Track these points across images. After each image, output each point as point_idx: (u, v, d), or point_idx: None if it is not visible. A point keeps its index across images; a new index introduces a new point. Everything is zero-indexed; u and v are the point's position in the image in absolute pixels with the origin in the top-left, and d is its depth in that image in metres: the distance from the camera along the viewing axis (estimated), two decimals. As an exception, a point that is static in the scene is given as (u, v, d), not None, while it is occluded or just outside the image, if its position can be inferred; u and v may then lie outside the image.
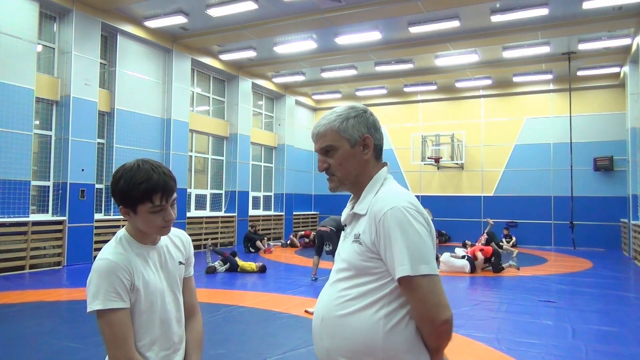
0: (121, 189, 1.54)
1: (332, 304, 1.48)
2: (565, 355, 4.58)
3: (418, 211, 1.42)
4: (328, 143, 1.55)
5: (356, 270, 1.46)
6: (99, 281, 1.51)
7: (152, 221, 1.57)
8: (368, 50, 12.96)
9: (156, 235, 1.66)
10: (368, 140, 1.55)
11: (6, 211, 8.66)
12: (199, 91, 14.20)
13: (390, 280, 1.41)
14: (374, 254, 1.43)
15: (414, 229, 1.37)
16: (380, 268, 1.42)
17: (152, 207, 1.54)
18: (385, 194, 1.48)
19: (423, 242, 1.38)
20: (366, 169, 1.55)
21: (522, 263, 10.85)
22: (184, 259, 1.78)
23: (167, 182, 1.56)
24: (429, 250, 1.38)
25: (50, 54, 9.99)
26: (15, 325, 5.39)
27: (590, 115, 15.32)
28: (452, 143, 16.67)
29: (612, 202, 14.74)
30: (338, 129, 1.54)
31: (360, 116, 1.57)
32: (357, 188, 1.56)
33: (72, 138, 9.76)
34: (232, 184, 14.77)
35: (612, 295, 7.58)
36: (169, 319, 1.66)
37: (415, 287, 1.35)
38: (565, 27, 10.99)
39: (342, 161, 1.54)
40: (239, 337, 5.06)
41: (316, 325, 1.53)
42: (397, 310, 1.41)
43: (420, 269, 1.34)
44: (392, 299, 1.41)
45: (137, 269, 1.59)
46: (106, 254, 1.57)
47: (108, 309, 1.49)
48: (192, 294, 1.82)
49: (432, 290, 1.36)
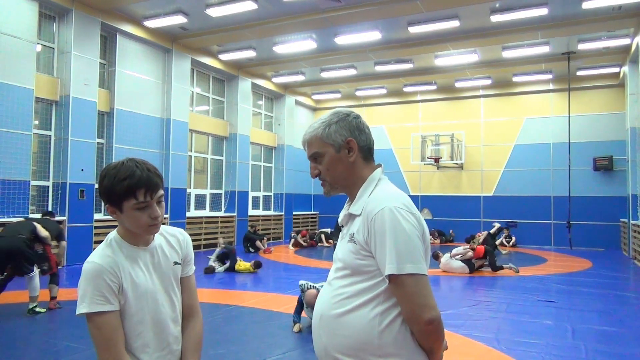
0: (105, 186, 1.54)
1: (330, 302, 1.52)
2: (565, 355, 4.58)
3: (410, 212, 1.46)
4: (315, 150, 1.61)
5: (351, 269, 1.50)
6: (85, 284, 1.51)
7: (138, 219, 1.55)
8: (368, 50, 12.95)
9: (146, 235, 1.63)
10: (352, 143, 1.58)
11: (6, 211, 8.65)
12: (198, 91, 14.20)
13: (384, 279, 1.43)
14: (368, 253, 1.46)
15: (403, 228, 1.40)
16: (374, 266, 1.45)
17: (137, 204, 1.53)
18: (378, 194, 1.52)
19: (411, 242, 1.41)
20: (354, 171, 1.59)
21: (521, 263, 10.86)
22: (180, 258, 1.75)
23: (150, 178, 1.54)
24: (416, 250, 1.41)
25: (49, 53, 9.98)
26: (15, 325, 5.39)
27: (589, 115, 15.33)
28: (451, 143, 16.68)
29: (611, 202, 14.74)
30: (321, 135, 1.59)
31: (342, 120, 1.60)
32: (349, 190, 1.61)
33: (71, 138, 9.76)
34: (232, 184, 14.77)
35: (611, 295, 7.58)
36: (163, 320, 1.64)
37: (401, 285, 1.38)
38: (565, 27, 10.99)
39: (330, 166, 1.59)
40: (239, 337, 5.06)
41: (315, 322, 1.58)
42: (391, 308, 1.44)
43: (405, 267, 1.37)
44: (386, 297, 1.44)
45: (125, 271, 1.57)
46: (94, 257, 1.57)
47: (94, 312, 1.49)
48: (192, 294, 1.78)
49: (417, 290, 1.38)
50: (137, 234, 1.62)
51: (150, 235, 1.65)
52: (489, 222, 15.62)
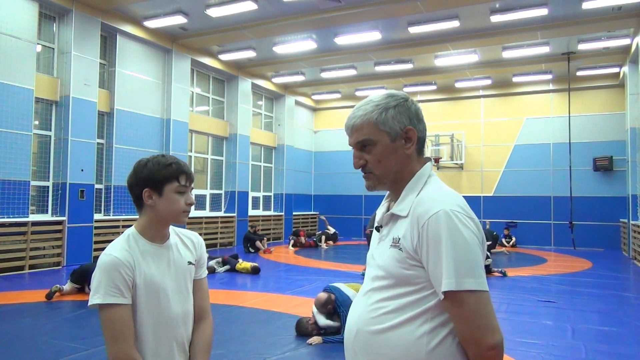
0: (150, 170, 1.64)
1: (368, 317, 1.33)
2: (565, 355, 4.58)
3: (468, 216, 1.28)
4: (365, 137, 1.38)
5: (395, 279, 1.30)
6: (101, 276, 1.53)
7: (177, 202, 1.65)
8: (368, 50, 12.96)
9: (178, 222, 1.69)
10: (411, 133, 1.38)
11: (6, 211, 8.65)
12: (198, 91, 14.20)
13: (434, 293, 1.25)
14: (416, 262, 1.27)
15: (463, 236, 1.22)
16: (423, 278, 1.27)
17: (179, 187, 1.65)
18: (430, 194, 1.33)
19: (472, 252, 1.22)
20: (408, 165, 1.39)
21: (521, 263, 10.86)
22: (194, 259, 1.78)
23: (189, 168, 1.72)
24: (477, 263, 1.23)
25: (49, 54, 9.98)
26: (15, 325, 5.39)
27: (589, 115, 15.33)
28: (451, 143, 16.68)
29: (611, 202, 14.74)
30: (377, 120, 1.36)
31: (401, 105, 1.39)
32: (397, 186, 1.40)
33: (71, 138, 9.76)
34: (232, 184, 14.77)
35: (611, 295, 7.58)
36: (174, 318, 1.65)
37: (460, 304, 1.20)
38: (564, 27, 10.99)
39: (382, 157, 1.37)
40: (239, 337, 5.06)
41: (349, 339, 1.38)
42: (441, 326, 1.25)
43: (466, 283, 1.19)
44: (435, 314, 1.26)
45: (140, 266, 1.59)
46: (111, 250, 1.59)
47: (108, 303, 1.50)
48: (204, 297, 1.81)
49: (478, 309, 1.20)
50: (156, 229, 1.67)
51: (181, 222, 1.71)
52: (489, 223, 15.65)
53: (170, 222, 1.69)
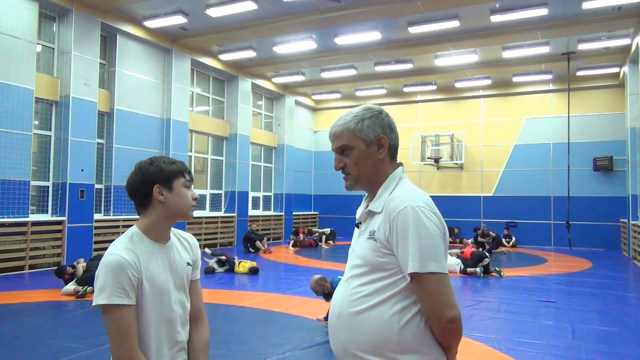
0: (158, 166, 1.68)
1: (348, 300, 1.53)
2: (565, 355, 4.58)
3: (432, 211, 1.48)
4: (344, 143, 1.60)
5: (371, 266, 1.50)
6: (106, 276, 1.52)
7: (186, 196, 1.71)
8: (368, 50, 12.95)
9: (186, 216, 1.72)
10: (383, 140, 1.59)
11: (6, 211, 8.65)
12: (198, 91, 14.20)
13: (404, 277, 1.44)
14: (388, 250, 1.47)
15: (426, 228, 1.42)
16: (394, 264, 1.46)
17: (185, 182, 1.71)
18: (400, 192, 1.53)
19: (434, 241, 1.42)
20: (381, 168, 1.60)
21: (521, 263, 10.86)
22: (192, 260, 1.79)
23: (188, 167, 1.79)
24: (439, 249, 1.42)
25: (49, 54, 9.98)
26: (15, 325, 5.39)
27: (589, 115, 15.33)
28: (451, 143, 16.67)
29: (611, 202, 14.74)
30: (354, 129, 1.58)
31: (375, 117, 1.61)
32: (372, 186, 1.61)
33: (71, 138, 9.75)
34: (232, 184, 14.77)
35: (611, 295, 7.58)
36: (174, 319, 1.66)
37: (423, 283, 1.40)
38: (564, 27, 10.99)
39: (358, 160, 1.59)
40: (239, 337, 5.06)
41: (333, 320, 1.58)
42: (411, 306, 1.45)
43: (428, 266, 1.39)
44: (406, 295, 1.46)
45: (145, 266, 1.59)
46: (116, 249, 1.58)
47: (113, 304, 1.50)
48: (199, 298, 1.82)
49: (439, 289, 1.40)
50: (161, 228, 1.69)
51: (189, 217, 1.76)
52: (489, 222, 15.65)
53: (178, 218, 1.71)
